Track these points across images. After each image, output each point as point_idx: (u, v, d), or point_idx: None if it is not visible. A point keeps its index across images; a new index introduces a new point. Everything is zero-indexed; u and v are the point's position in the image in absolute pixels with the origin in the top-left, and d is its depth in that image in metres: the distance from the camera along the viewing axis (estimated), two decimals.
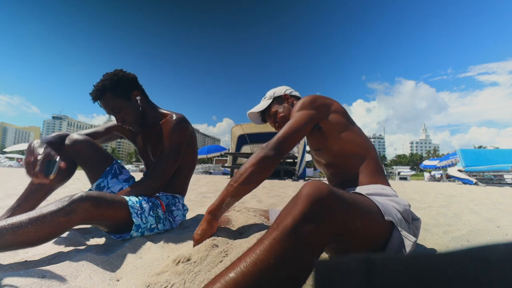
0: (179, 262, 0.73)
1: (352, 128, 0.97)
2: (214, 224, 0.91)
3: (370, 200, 0.69)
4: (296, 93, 1.20)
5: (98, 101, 1.22)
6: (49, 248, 0.97)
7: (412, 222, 0.80)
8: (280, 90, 1.19)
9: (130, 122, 1.26)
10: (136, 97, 1.27)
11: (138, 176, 1.77)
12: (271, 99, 1.18)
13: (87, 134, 1.36)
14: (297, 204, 0.53)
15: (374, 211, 0.66)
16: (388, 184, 0.91)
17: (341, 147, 0.95)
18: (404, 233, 0.68)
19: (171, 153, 1.22)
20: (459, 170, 7.98)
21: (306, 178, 8.08)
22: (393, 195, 0.84)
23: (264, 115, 1.22)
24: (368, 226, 0.61)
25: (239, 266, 0.49)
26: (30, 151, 1.03)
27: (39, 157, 1.01)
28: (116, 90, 1.20)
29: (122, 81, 1.22)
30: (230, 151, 8.92)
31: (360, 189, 0.87)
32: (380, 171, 0.94)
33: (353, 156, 0.94)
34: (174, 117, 1.28)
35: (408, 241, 0.67)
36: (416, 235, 0.80)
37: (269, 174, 0.88)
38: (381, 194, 0.83)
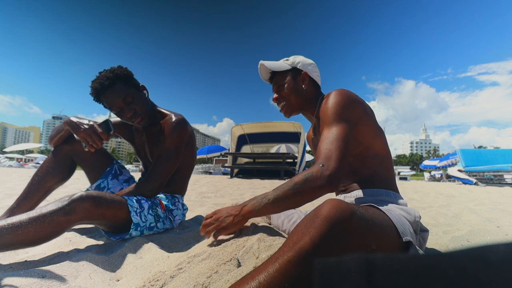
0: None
1: (379, 128, 0.92)
2: (243, 223, 0.85)
3: (388, 218, 0.66)
4: (316, 75, 1.04)
5: (102, 95, 1.12)
6: (49, 248, 0.97)
7: (420, 233, 0.78)
8: (304, 64, 1.02)
9: (142, 113, 1.19)
10: (144, 91, 1.25)
11: (138, 176, 1.77)
12: (291, 67, 1.02)
13: None
14: (316, 224, 0.50)
15: (390, 231, 0.64)
16: (398, 191, 0.89)
17: (365, 148, 0.89)
18: (421, 252, 0.66)
19: (170, 155, 1.20)
20: (459, 170, 7.98)
21: None
22: (403, 203, 0.82)
23: (274, 76, 1.06)
24: (382, 248, 0.58)
25: (249, 285, 0.47)
26: (76, 125, 1.14)
27: (90, 122, 1.15)
28: (127, 80, 1.17)
29: (130, 74, 1.20)
30: (230, 151, 8.92)
31: (371, 194, 0.85)
32: (393, 176, 0.92)
33: (374, 158, 0.89)
34: (173, 118, 1.26)
35: None
36: (422, 246, 0.79)
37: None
38: (392, 202, 0.81)
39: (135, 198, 1.11)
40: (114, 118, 1.37)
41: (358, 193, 0.88)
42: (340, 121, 0.81)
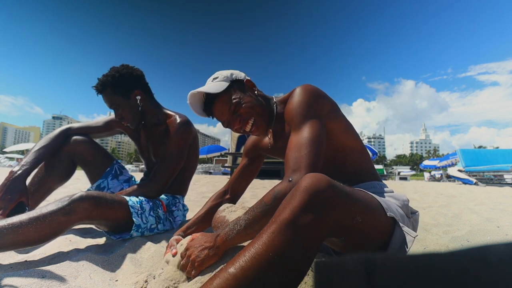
0: None
1: (349, 122, 0.89)
2: (221, 254, 0.70)
3: (371, 196, 0.67)
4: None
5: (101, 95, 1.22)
6: (49, 248, 0.97)
7: (411, 216, 0.80)
8: (234, 74, 0.90)
9: (128, 120, 1.25)
10: (136, 97, 1.26)
11: (138, 176, 1.77)
12: (228, 82, 0.87)
13: (87, 127, 1.35)
14: (295, 196, 0.52)
15: (376, 207, 0.64)
16: (381, 180, 0.89)
17: (341, 144, 0.86)
18: (406, 229, 0.67)
19: (174, 156, 1.21)
20: (459, 170, 7.99)
21: None
22: (390, 191, 0.83)
23: (211, 103, 0.88)
24: (368, 221, 0.60)
25: (238, 262, 0.49)
26: (8, 189, 0.99)
27: (12, 197, 0.98)
28: (116, 88, 1.20)
29: (124, 79, 1.22)
30: (230, 151, 8.92)
31: (362, 188, 0.82)
32: (373, 166, 0.91)
33: (353, 152, 0.87)
34: (178, 119, 1.27)
35: (410, 237, 0.66)
36: (415, 228, 0.81)
37: None
38: (380, 192, 0.82)
39: (136, 199, 1.11)
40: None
41: None
42: (309, 120, 0.74)
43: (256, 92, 0.90)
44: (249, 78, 0.92)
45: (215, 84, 0.86)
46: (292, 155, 0.70)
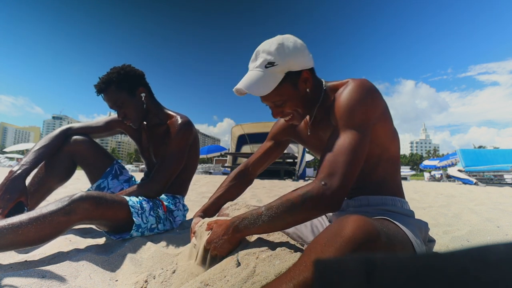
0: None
1: (395, 129, 0.81)
2: (238, 240, 0.74)
3: (405, 234, 0.63)
4: (310, 60, 0.78)
5: (102, 94, 1.21)
6: (49, 248, 0.97)
7: (427, 244, 0.76)
8: (297, 59, 0.74)
9: (132, 118, 1.24)
10: (141, 94, 1.26)
11: (138, 176, 1.78)
12: (283, 75, 0.74)
13: (88, 127, 1.35)
14: (338, 245, 0.46)
15: (409, 249, 0.61)
16: (404, 195, 0.84)
17: (381, 151, 0.79)
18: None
19: (175, 157, 1.21)
20: (459, 170, 7.99)
21: (306, 178, 8.08)
22: (410, 213, 0.79)
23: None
24: None
25: None
26: (9, 188, 1.00)
27: (11, 197, 0.98)
28: (121, 84, 1.20)
29: (129, 76, 1.22)
30: (230, 151, 8.93)
31: (377, 202, 0.80)
32: (400, 180, 0.85)
33: (387, 161, 0.80)
34: (180, 120, 1.27)
35: None
36: None
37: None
38: (400, 212, 0.77)
39: (136, 199, 1.11)
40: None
41: (364, 200, 0.82)
42: (356, 126, 0.68)
43: (308, 89, 0.78)
44: (308, 69, 0.77)
45: (266, 79, 0.73)
46: (329, 157, 0.66)
